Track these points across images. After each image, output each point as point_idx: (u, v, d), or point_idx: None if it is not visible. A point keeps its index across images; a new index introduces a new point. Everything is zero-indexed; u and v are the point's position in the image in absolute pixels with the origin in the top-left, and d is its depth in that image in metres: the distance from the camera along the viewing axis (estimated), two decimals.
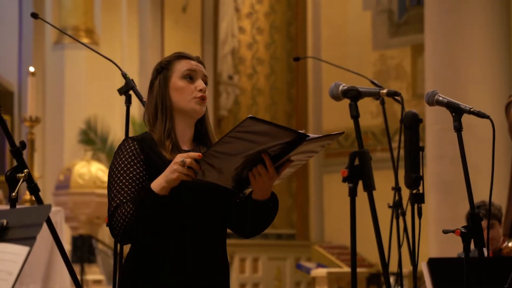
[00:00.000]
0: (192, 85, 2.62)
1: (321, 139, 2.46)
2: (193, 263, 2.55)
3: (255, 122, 2.31)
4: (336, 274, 8.22)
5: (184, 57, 2.66)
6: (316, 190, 11.69)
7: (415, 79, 10.92)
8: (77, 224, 8.55)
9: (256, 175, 2.47)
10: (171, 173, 2.42)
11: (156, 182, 2.44)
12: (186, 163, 2.39)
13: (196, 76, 2.64)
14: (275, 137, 2.38)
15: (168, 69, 2.64)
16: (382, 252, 2.34)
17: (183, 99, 2.61)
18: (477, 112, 2.78)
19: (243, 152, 2.39)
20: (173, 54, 2.68)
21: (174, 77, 2.62)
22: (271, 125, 2.34)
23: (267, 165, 2.45)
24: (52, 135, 9.67)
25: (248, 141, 2.36)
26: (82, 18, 9.85)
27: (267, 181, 2.48)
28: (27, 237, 1.78)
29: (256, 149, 2.40)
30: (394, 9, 11.38)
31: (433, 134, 7.11)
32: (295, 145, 2.41)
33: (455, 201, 6.51)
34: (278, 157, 2.45)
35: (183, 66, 2.63)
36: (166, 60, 2.66)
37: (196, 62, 2.65)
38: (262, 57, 11.64)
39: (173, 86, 2.62)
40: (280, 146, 2.41)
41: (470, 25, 7.16)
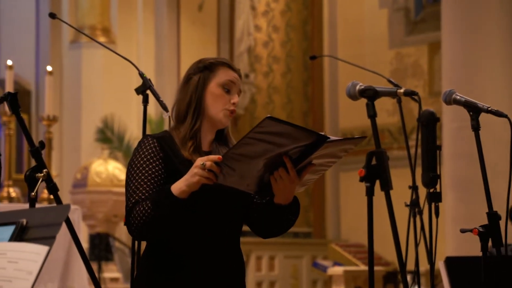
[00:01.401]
0: (228, 96, 2.63)
1: (342, 142, 2.45)
2: (209, 261, 2.56)
3: (273, 122, 2.31)
4: (353, 273, 8.20)
5: (228, 65, 2.67)
6: (332, 189, 11.67)
7: (432, 77, 10.88)
8: (94, 222, 8.58)
9: (278, 178, 2.46)
10: (192, 176, 2.42)
11: (177, 185, 2.45)
12: (207, 166, 2.38)
13: (233, 89, 2.65)
14: (295, 139, 2.37)
15: (211, 70, 2.65)
16: (400, 251, 2.34)
17: (215, 107, 2.62)
18: (495, 111, 2.77)
19: (263, 154, 2.39)
20: (219, 59, 2.70)
21: (214, 82, 2.63)
22: (290, 125, 2.34)
23: (288, 167, 2.44)
24: (69, 134, 9.72)
25: (268, 143, 2.36)
26: (99, 18, 9.89)
27: (288, 185, 2.47)
28: (47, 236, 1.79)
29: (276, 151, 2.39)
30: (411, 7, 11.34)
31: (450, 132, 7.08)
32: (316, 148, 2.40)
33: (473, 200, 6.48)
34: (299, 161, 2.44)
35: (225, 75, 2.64)
36: (210, 62, 2.67)
37: (236, 75, 2.67)
38: (278, 56, 11.64)
39: (210, 90, 2.63)
40: (300, 149, 2.40)
41: (487, 22, 7.12)
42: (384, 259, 9.64)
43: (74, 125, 9.71)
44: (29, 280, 1.69)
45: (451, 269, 3.41)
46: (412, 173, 3.78)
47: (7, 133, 5.41)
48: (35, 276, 1.69)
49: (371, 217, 2.38)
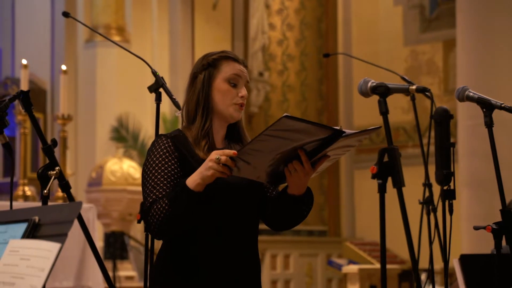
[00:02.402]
0: (235, 90, 2.63)
1: (358, 134, 2.45)
2: (225, 260, 2.56)
3: (290, 121, 2.31)
4: (368, 271, 8.18)
5: (232, 58, 2.66)
6: (347, 187, 11.65)
7: (447, 75, 10.83)
8: (109, 220, 8.60)
9: (292, 171, 2.47)
10: (206, 170, 2.42)
11: (191, 178, 2.46)
12: (222, 161, 2.39)
13: (240, 82, 2.64)
14: (311, 134, 2.38)
15: (214, 67, 2.64)
16: (412, 249, 2.33)
17: (224, 102, 2.61)
18: (508, 107, 2.76)
19: (278, 149, 2.40)
20: (222, 53, 2.67)
21: (219, 78, 2.63)
22: (307, 122, 2.34)
23: (303, 161, 2.45)
24: (84, 133, 9.75)
25: (283, 139, 2.36)
26: (113, 16, 9.92)
27: (303, 177, 2.49)
28: (59, 233, 1.80)
29: (291, 145, 2.40)
30: (426, 4, 11.30)
31: (465, 130, 7.05)
32: (332, 142, 2.40)
33: (488, 198, 6.45)
34: (314, 153, 2.45)
35: (230, 69, 2.64)
36: (213, 58, 2.65)
37: (242, 67, 2.66)
38: (292, 54, 11.62)
39: (217, 87, 2.62)
40: (316, 143, 2.41)
41: (502, 19, 7.08)
42: (399, 257, 9.60)
43: (89, 124, 9.74)
44: (41, 277, 1.70)
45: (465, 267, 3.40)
46: (425, 170, 3.77)
47: (22, 132, 5.44)
48: (47, 273, 1.70)
49: (383, 214, 2.37)
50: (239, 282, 2.58)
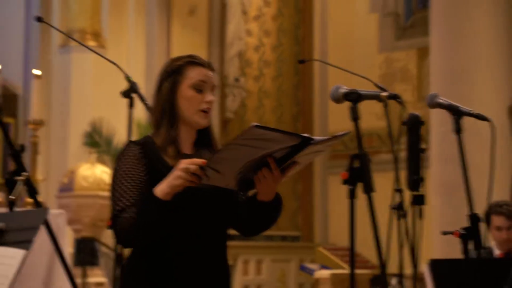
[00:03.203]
0: (201, 96, 2.61)
1: (327, 141, 2.46)
2: (194, 266, 2.56)
3: (259, 130, 2.32)
4: (340, 276, 8.21)
5: (197, 63, 2.63)
6: (321, 192, 11.68)
7: (421, 82, 10.90)
8: (80, 226, 8.54)
9: (262, 178, 2.48)
10: (175, 179, 2.42)
11: (160, 187, 2.45)
12: (191, 170, 2.39)
13: (205, 88, 2.62)
14: (280, 142, 2.38)
15: (179, 73, 2.62)
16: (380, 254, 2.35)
17: (189, 109, 2.60)
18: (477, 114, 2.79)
19: (248, 157, 2.40)
20: (186, 58, 2.64)
21: (184, 85, 2.61)
22: (276, 131, 2.35)
23: (272, 168, 2.45)
24: (57, 138, 9.68)
25: (253, 147, 2.37)
26: (89, 21, 9.87)
27: (272, 184, 2.49)
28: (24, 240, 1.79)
29: (261, 153, 2.40)
30: (401, 12, 11.37)
31: (438, 136, 7.10)
32: (300, 149, 2.41)
33: (459, 203, 6.46)
34: (283, 160, 2.46)
35: (195, 75, 2.61)
36: (178, 64, 2.63)
37: (207, 71, 2.63)
38: (269, 60, 11.64)
39: (182, 94, 2.61)
40: (285, 150, 2.42)
41: (476, 28, 7.15)
42: (370, 263, 9.64)
43: (62, 129, 9.67)
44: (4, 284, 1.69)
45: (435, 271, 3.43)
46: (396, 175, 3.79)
47: None
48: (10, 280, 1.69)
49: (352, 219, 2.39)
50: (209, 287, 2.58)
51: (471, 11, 7.14)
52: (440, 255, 6.52)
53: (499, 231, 4.88)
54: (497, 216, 4.86)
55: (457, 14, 7.16)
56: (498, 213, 4.85)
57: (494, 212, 4.85)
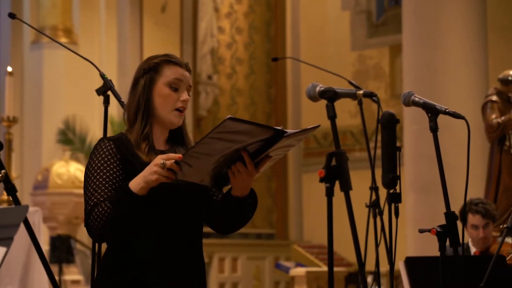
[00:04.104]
0: (176, 94, 2.61)
1: (298, 134, 2.48)
2: (169, 262, 2.55)
3: (234, 123, 2.33)
4: (315, 274, 8.24)
5: (174, 62, 2.63)
6: (295, 190, 11.71)
7: (393, 79, 10.97)
8: (55, 224, 8.51)
9: (236, 172, 2.48)
10: (151, 174, 2.41)
11: (135, 182, 2.44)
12: (167, 166, 2.39)
13: (181, 86, 2.62)
14: (254, 135, 2.39)
15: (156, 71, 2.61)
16: (359, 251, 2.36)
17: (164, 108, 2.60)
18: (453, 112, 2.81)
19: (222, 151, 2.41)
20: (164, 57, 2.64)
21: (160, 82, 2.61)
22: (250, 124, 2.36)
23: (246, 162, 2.46)
24: (30, 135, 9.62)
25: (227, 141, 2.37)
26: (60, 18, 9.81)
27: (246, 178, 2.50)
28: (4, 237, 1.78)
29: (235, 147, 2.41)
30: (373, 10, 11.43)
31: (411, 134, 7.15)
32: (274, 142, 2.43)
33: (433, 201, 6.54)
34: (257, 154, 2.47)
35: (171, 73, 2.61)
36: (155, 62, 2.63)
37: (183, 71, 2.63)
38: (241, 57, 11.65)
39: (157, 91, 2.61)
40: (258, 143, 2.43)
41: (447, 25, 7.20)
42: (346, 260, 9.69)
43: (35, 126, 9.61)
44: None
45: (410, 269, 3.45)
46: (372, 174, 3.82)
47: None
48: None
49: (330, 217, 2.39)
50: (184, 284, 2.58)
51: (443, 8, 7.19)
52: (414, 253, 6.57)
53: (475, 229, 4.91)
54: (474, 215, 4.89)
55: (429, 11, 7.21)
56: (474, 211, 4.88)
57: (470, 210, 4.88)
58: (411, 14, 7.33)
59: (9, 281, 4.78)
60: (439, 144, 2.79)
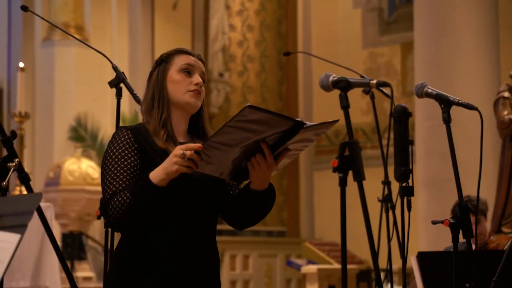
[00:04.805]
0: (189, 78, 2.64)
1: (318, 127, 2.47)
2: (184, 254, 2.55)
3: (253, 111, 2.32)
4: (327, 271, 8.23)
5: (185, 52, 2.68)
6: (306, 187, 11.70)
7: (405, 77, 10.95)
8: (67, 221, 8.53)
9: (255, 164, 2.47)
10: (171, 165, 2.41)
11: (155, 173, 2.44)
12: (187, 156, 2.39)
13: (193, 71, 2.66)
14: (273, 126, 2.38)
15: (167, 62, 2.66)
16: (372, 244, 2.34)
17: (179, 91, 2.62)
18: (466, 104, 2.80)
19: (242, 142, 2.40)
20: (175, 49, 2.70)
21: (172, 70, 2.65)
22: (270, 113, 2.36)
23: (266, 154, 2.45)
24: (41, 132, 9.65)
25: (247, 131, 2.37)
26: (72, 15, 9.83)
27: (266, 170, 2.49)
28: (18, 224, 1.78)
29: (254, 138, 2.40)
30: (384, 7, 11.41)
31: (423, 130, 7.13)
32: (293, 134, 2.42)
33: (445, 197, 6.52)
34: (276, 147, 2.46)
35: (182, 60, 2.66)
36: (167, 54, 2.69)
37: (195, 58, 2.68)
38: (252, 55, 11.65)
39: (170, 78, 2.64)
40: (277, 135, 2.42)
41: (459, 22, 7.18)
42: (357, 258, 9.67)
43: (47, 123, 9.64)
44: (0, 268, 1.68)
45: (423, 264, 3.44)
46: (385, 168, 3.80)
47: None
48: (6, 264, 1.68)
49: (344, 209, 2.37)
50: (198, 275, 2.58)
51: (455, 5, 7.17)
52: (424, 249, 6.55)
53: None
54: None
55: (441, 9, 7.19)
56: None
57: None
58: (423, 12, 7.32)
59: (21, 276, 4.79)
60: (452, 136, 2.78)
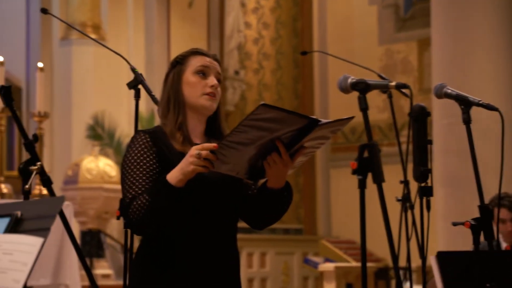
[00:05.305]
0: (204, 81, 2.64)
1: (333, 124, 2.47)
2: (204, 254, 2.56)
3: (268, 109, 2.33)
4: (344, 269, 8.22)
5: (200, 53, 2.69)
6: (323, 185, 11.69)
7: (422, 74, 10.91)
8: (85, 219, 8.57)
9: (271, 163, 2.48)
10: (187, 165, 2.43)
11: (172, 174, 2.46)
12: (203, 155, 2.40)
13: (209, 73, 2.66)
14: (288, 124, 2.39)
15: (182, 63, 2.67)
16: (392, 244, 2.34)
17: (194, 94, 2.63)
18: (486, 104, 2.79)
19: (257, 140, 2.41)
20: (190, 50, 2.71)
21: (187, 72, 2.66)
22: (284, 111, 2.36)
23: (282, 152, 2.46)
24: (60, 131, 9.70)
25: (262, 129, 2.38)
26: (89, 14, 9.87)
27: (282, 168, 2.50)
28: (41, 228, 1.80)
29: (269, 137, 2.41)
30: (400, 4, 11.38)
31: (441, 128, 7.10)
32: (308, 132, 2.42)
33: (463, 196, 6.50)
34: (291, 145, 2.47)
35: (197, 61, 2.66)
36: (182, 55, 2.70)
37: (210, 59, 2.68)
38: (268, 52, 11.64)
39: (186, 81, 2.65)
40: (292, 133, 2.42)
41: (476, 19, 7.14)
42: (375, 256, 9.65)
43: (65, 122, 9.69)
44: (24, 271, 1.70)
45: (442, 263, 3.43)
46: (403, 168, 3.79)
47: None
48: (30, 267, 1.70)
49: (363, 210, 2.38)
50: (219, 276, 2.59)
51: (472, 1, 7.13)
52: (445, 248, 6.53)
53: (503, 223, 4.89)
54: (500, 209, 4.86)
55: (458, 4, 7.16)
56: (500, 205, 4.86)
57: (496, 205, 4.86)
58: (440, 8, 7.29)
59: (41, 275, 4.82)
60: (472, 136, 2.77)
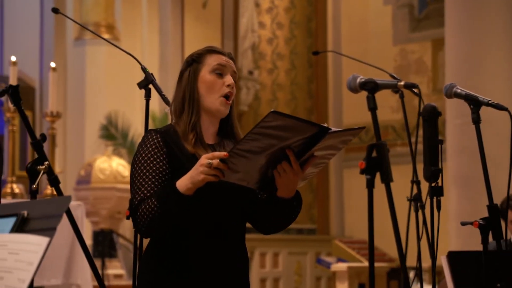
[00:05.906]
0: (221, 80, 2.63)
1: (343, 133, 2.46)
2: (213, 257, 2.56)
3: (277, 117, 2.31)
4: (357, 269, 8.20)
5: (216, 51, 2.66)
6: (336, 185, 11.67)
7: (436, 74, 10.87)
8: (98, 219, 8.59)
9: (281, 172, 2.46)
10: (197, 175, 2.41)
11: (182, 182, 2.44)
12: (214, 165, 2.38)
13: (225, 72, 2.64)
14: (298, 132, 2.37)
15: (199, 62, 2.64)
16: (400, 243, 2.33)
17: (210, 96, 2.60)
18: (495, 104, 2.78)
19: (267, 149, 2.39)
20: (205, 48, 2.68)
21: (204, 71, 2.63)
22: (294, 119, 2.35)
23: (292, 161, 2.44)
24: (73, 131, 9.73)
25: (271, 137, 2.36)
26: (103, 14, 9.90)
27: (292, 178, 2.47)
28: (47, 228, 1.80)
29: (279, 145, 2.39)
30: (415, 4, 11.34)
31: (454, 128, 7.07)
32: (318, 140, 2.40)
33: (476, 196, 6.47)
34: (301, 154, 2.45)
35: (213, 60, 2.64)
36: (197, 53, 2.67)
37: (226, 58, 2.66)
38: (282, 52, 11.63)
39: (202, 80, 2.62)
40: (302, 141, 2.41)
41: (491, 19, 7.11)
42: (388, 256, 9.62)
43: (78, 122, 9.72)
44: (29, 271, 1.70)
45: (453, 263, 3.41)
46: (414, 167, 3.78)
47: (11, 130, 5.41)
48: (35, 267, 1.70)
49: (371, 210, 2.37)
50: (227, 278, 2.59)
51: (487, 1, 7.10)
52: (456, 248, 6.50)
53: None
54: (509, 210, 4.83)
55: (473, 5, 7.13)
56: (509, 206, 4.82)
57: (509, 206, 4.82)
58: (455, 8, 7.26)
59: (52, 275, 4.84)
60: (481, 136, 2.76)
